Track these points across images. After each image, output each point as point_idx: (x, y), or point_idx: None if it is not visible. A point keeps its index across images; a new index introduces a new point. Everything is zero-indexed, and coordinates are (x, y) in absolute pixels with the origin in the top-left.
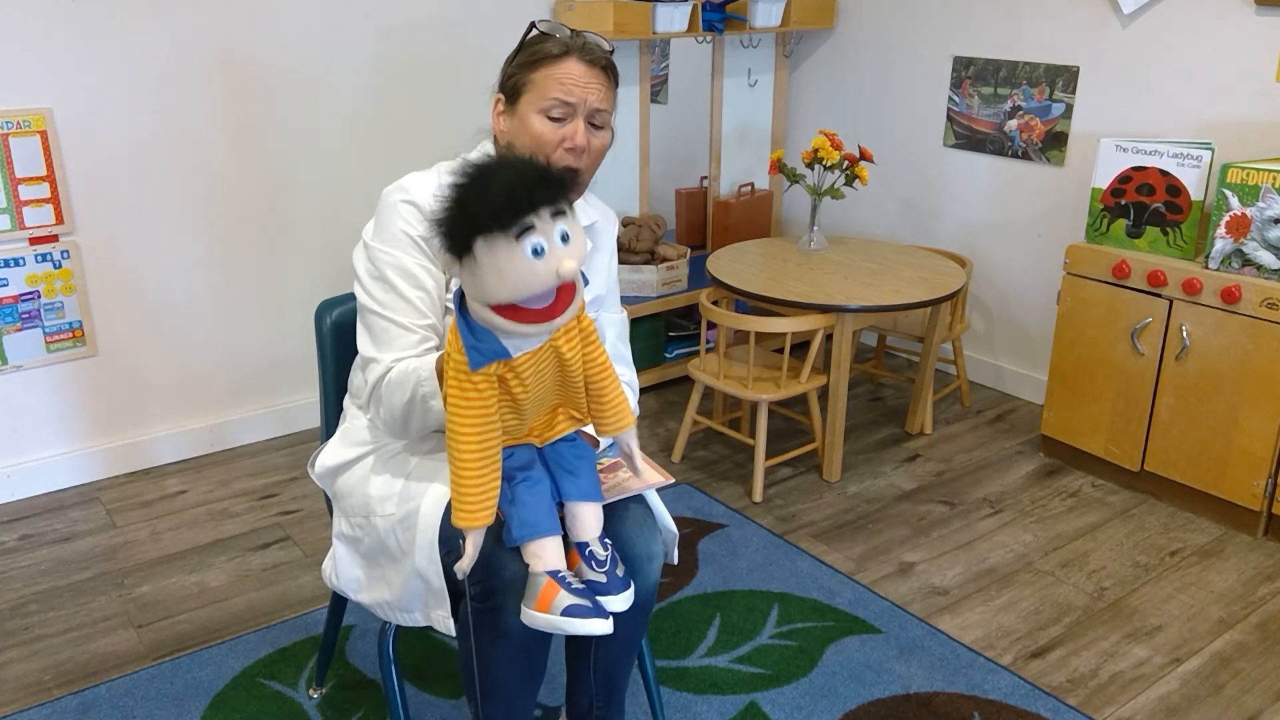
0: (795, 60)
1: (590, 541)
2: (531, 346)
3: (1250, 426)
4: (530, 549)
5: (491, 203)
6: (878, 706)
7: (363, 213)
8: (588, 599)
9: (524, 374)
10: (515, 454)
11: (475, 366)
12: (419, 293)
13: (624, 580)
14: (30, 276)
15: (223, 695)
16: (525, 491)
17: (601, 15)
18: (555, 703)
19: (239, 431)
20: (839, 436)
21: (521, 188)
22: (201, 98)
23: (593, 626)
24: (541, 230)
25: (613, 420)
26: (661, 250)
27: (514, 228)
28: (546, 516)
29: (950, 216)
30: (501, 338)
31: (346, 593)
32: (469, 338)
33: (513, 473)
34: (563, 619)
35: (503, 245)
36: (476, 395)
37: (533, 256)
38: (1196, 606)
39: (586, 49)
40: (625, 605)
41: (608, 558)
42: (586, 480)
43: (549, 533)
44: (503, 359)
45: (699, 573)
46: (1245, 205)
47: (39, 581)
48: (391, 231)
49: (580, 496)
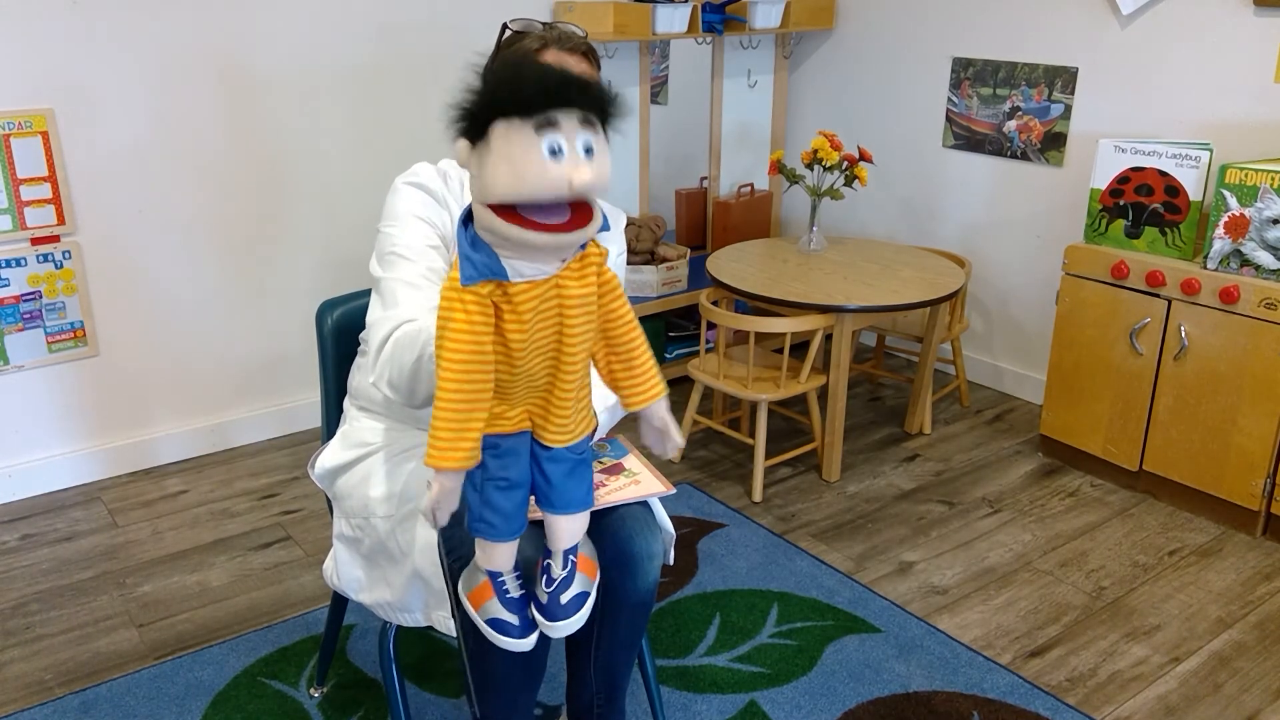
0: (795, 61)
1: (554, 556)
2: (533, 275)
3: (1249, 426)
4: (480, 543)
5: (519, 85)
6: (877, 705)
7: (363, 212)
8: (516, 615)
9: (522, 308)
10: (502, 445)
11: (466, 281)
12: (426, 260)
13: (569, 607)
14: (32, 277)
15: (224, 694)
16: (494, 493)
17: (601, 16)
18: (555, 701)
19: (240, 431)
20: (838, 436)
21: (553, 80)
22: (202, 98)
23: (509, 644)
24: (564, 131)
25: (643, 388)
26: (661, 250)
27: (536, 117)
28: (508, 520)
29: (949, 217)
30: (501, 254)
31: (347, 593)
32: (465, 247)
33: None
34: (486, 626)
35: (519, 134)
36: (464, 317)
37: (549, 155)
38: (1195, 606)
39: (563, 39)
40: (560, 634)
41: (560, 579)
42: (576, 490)
43: (505, 537)
44: (498, 279)
45: (699, 572)
46: (1244, 206)
47: (40, 581)
48: (398, 211)
49: (561, 509)
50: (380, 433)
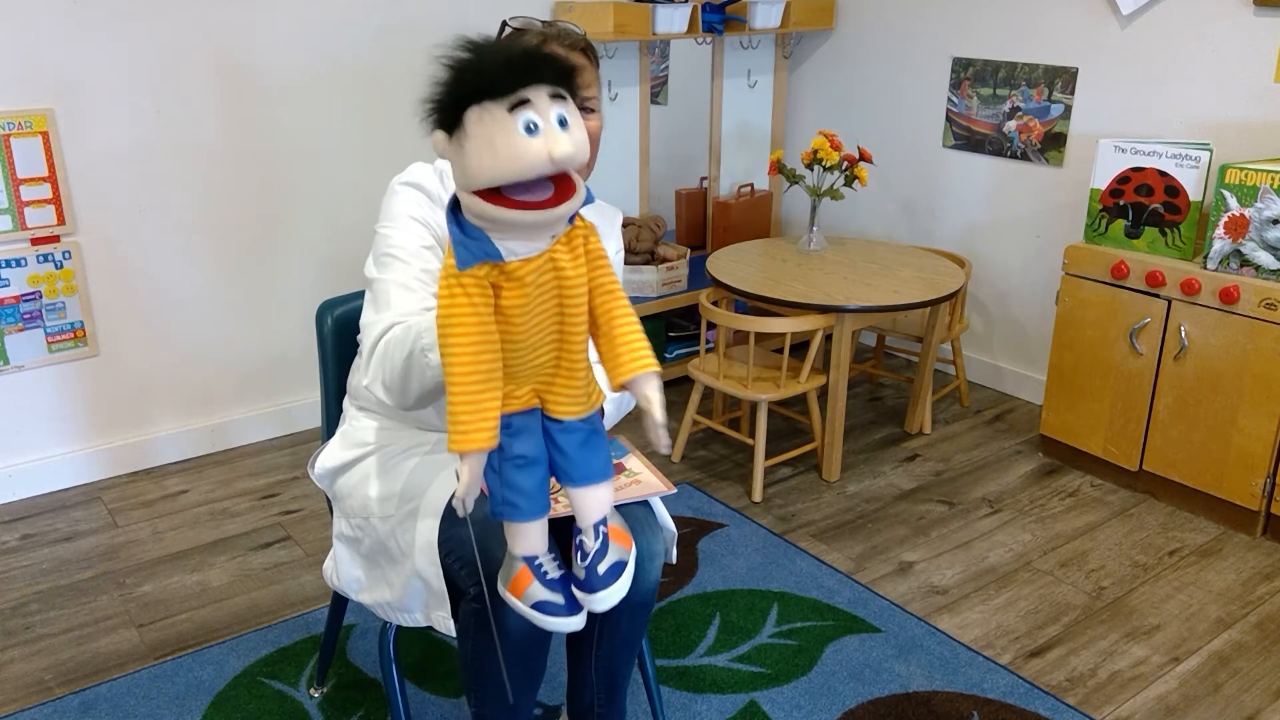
0: (795, 61)
1: (585, 530)
2: (526, 253)
3: (1248, 426)
4: (509, 529)
5: (487, 69)
6: (877, 705)
7: (363, 212)
8: (560, 594)
9: (522, 284)
10: (513, 424)
11: (463, 265)
12: (420, 263)
13: (606, 577)
14: (32, 277)
15: (224, 694)
16: (513, 472)
17: (601, 16)
18: (555, 701)
19: (240, 431)
20: (838, 436)
21: (520, 59)
22: (202, 98)
23: (560, 624)
24: (537, 107)
25: (628, 360)
26: (661, 251)
27: (508, 98)
28: (531, 499)
29: (949, 217)
30: (493, 236)
31: (347, 593)
32: (457, 233)
33: (507, 445)
34: (533, 611)
35: (494, 116)
36: (466, 300)
37: (525, 133)
38: (1195, 606)
39: (562, 36)
40: (603, 607)
41: (594, 550)
42: (594, 460)
43: (530, 516)
44: (493, 260)
45: (699, 572)
46: (1244, 206)
47: (40, 581)
48: (393, 212)
49: (582, 480)
50: (380, 432)
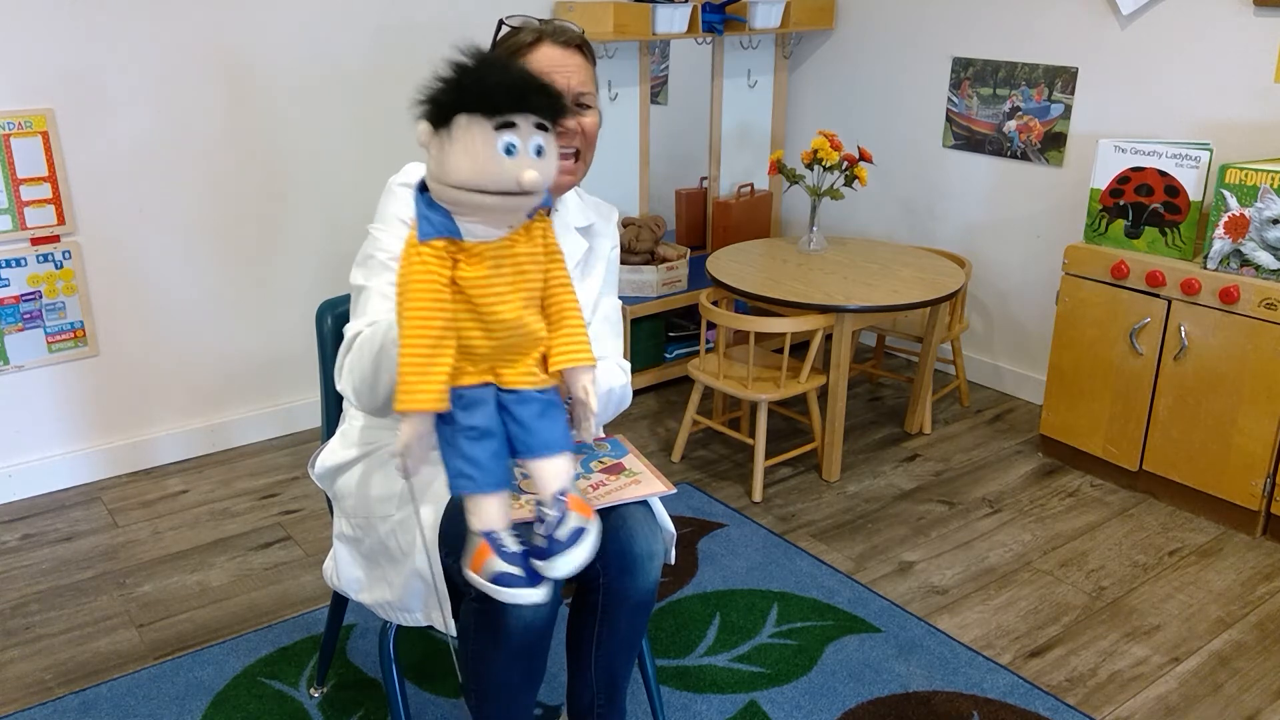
0: (795, 61)
1: (545, 502)
2: (484, 237)
3: (1248, 426)
4: (468, 504)
5: (486, 86)
6: (877, 705)
7: (363, 212)
8: (519, 566)
9: (480, 260)
10: (466, 395)
11: (423, 237)
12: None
13: (566, 542)
14: (32, 277)
15: (224, 694)
16: (466, 444)
17: (601, 16)
18: (555, 701)
19: (240, 431)
20: (838, 436)
21: (517, 85)
22: (202, 98)
23: (519, 595)
24: (520, 133)
25: (571, 351)
26: (661, 251)
27: (497, 117)
28: (485, 470)
29: (949, 217)
30: (456, 217)
31: (347, 593)
32: (423, 208)
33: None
34: (492, 585)
35: (480, 130)
36: (422, 266)
37: (504, 153)
38: (1195, 606)
39: (558, 33)
40: (562, 572)
41: (554, 519)
42: (553, 430)
43: (485, 488)
44: (453, 237)
45: (699, 572)
46: (1244, 206)
47: (40, 581)
48: (386, 214)
49: (540, 450)
50: (380, 432)
